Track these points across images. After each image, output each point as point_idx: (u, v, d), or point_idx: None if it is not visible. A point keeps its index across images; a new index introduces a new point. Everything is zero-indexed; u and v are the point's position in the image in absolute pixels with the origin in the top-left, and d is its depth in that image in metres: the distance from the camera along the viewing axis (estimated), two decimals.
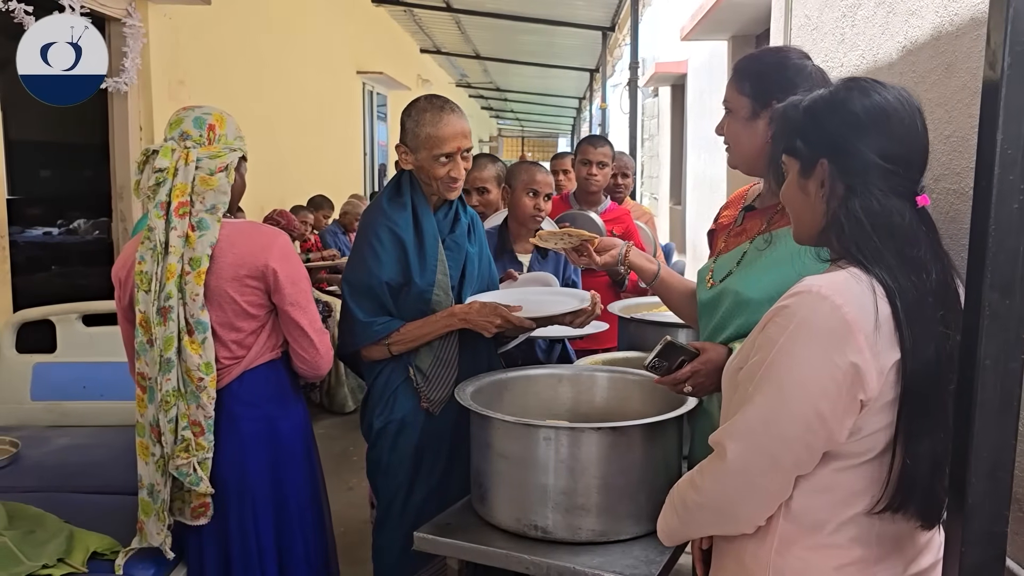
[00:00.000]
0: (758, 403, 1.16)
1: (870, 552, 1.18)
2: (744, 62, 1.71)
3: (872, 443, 1.15)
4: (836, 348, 1.10)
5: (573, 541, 1.63)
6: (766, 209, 1.71)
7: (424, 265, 2.08)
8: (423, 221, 2.11)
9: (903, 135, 1.17)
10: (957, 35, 2.04)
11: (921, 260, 1.14)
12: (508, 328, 2.03)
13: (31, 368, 2.82)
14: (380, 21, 9.19)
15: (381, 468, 2.12)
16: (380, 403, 2.11)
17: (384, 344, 2.06)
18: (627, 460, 1.63)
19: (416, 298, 2.07)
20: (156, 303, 1.83)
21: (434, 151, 2.04)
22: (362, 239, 2.11)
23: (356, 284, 2.08)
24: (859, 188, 1.16)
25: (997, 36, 0.96)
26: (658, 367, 1.60)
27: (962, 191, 1.99)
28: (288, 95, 5.94)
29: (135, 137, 3.75)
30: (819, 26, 3.15)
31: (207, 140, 1.94)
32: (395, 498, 2.10)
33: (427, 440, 2.09)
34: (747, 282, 1.62)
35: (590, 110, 13.97)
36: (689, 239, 9.86)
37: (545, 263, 2.75)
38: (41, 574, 1.75)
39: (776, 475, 1.16)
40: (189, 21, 4.13)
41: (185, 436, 1.84)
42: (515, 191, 2.72)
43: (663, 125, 12.65)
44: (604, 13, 8.10)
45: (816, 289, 1.13)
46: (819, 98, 1.22)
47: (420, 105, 2.10)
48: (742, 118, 1.66)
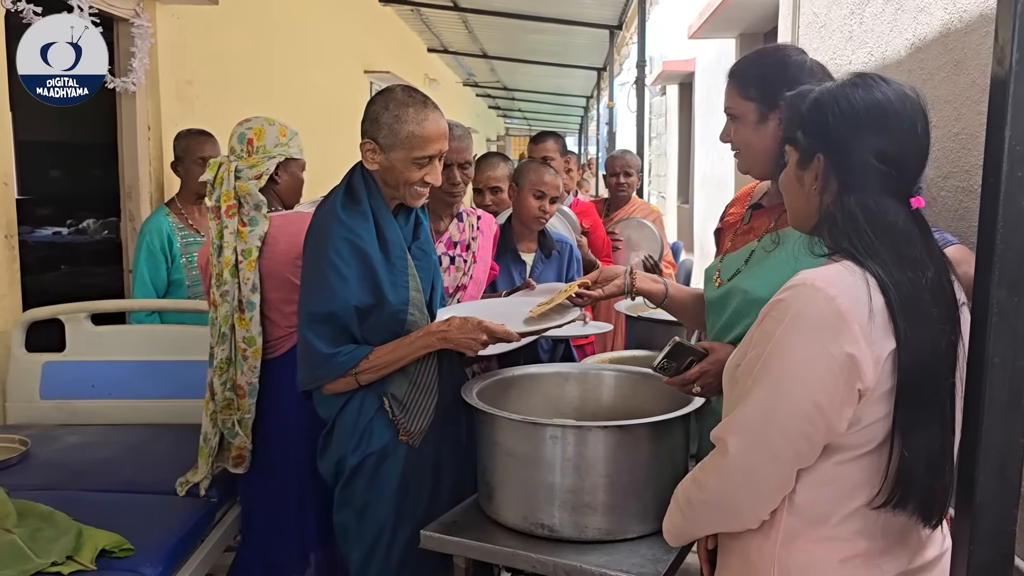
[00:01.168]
0: (757, 397, 1.16)
1: (875, 544, 1.18)
2: (743, 66, 1.68)
3: (871, 434, 1.15)
4: (831, 339, 1.10)
5: (580, 540, 1.62)
6: (774, 207, 1.70)
7: (395, 281, 1.84)
8: (386, 230, 1.85)
9: (900, 137, 1.17)
10: (966, 32, 2.02)
11: (916, 258, 1.14)
12: (495, 344, 1.83)
13: (40, 367, 2.83)
14: (387, 20, 9.19)
15: (356, 508, 1.88)
16: (353, 438, 1.86)
17: (351, 374, 1.81)
18: (634, 458, 1.63)
19: (388, 319, 1.83)
20: (217, 288, 2.17)
21: (414, 152, 1.81)
22: (317, 257, 1.82)
23: (316, 312, 1.80)
24: (854, 186, 1.17)
25: (1005, 32, 0.95)
26: (667, 368, 1.60)
27: (971, 188, 1.98)
28: (296, 94, 5.95)
29: (143, 137, 3.76)
30: (827, 23, 3.14)
31: (246, 152, 2.26)
32: (379, 539, 1.87)
33: (410, 470, 1.88)
34: (755, 281, 1.61)
35: (597, 109, 13.94)
36: (697, 238, 9.85)
37: (548, 263, 2.74)
38: (50, 571, 1.76)
39: (777, 468, 1.16)
40: (197, 21, 4.14)
41: (228, 396, 2.17)
42: (522, 190, 2.70)
43: (671, 123, 12.64)
44: (612, 11, 8.09)
45: (810, 282, 1.14)
46: (825, 90, 1.23)
47: (399, 98, 1.83)
48: (751, 123, 1.64)
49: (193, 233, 3.18)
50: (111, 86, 3.37)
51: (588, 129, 17.66)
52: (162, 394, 2.84)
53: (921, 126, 1.18)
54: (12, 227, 2.91)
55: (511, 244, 2.73)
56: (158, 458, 2.47)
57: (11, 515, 1.85)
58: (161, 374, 2.84)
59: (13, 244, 2.91)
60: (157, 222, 3.11)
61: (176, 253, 3.10)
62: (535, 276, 2.67)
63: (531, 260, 2.74)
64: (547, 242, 2.77)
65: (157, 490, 2.24)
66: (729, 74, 1.69)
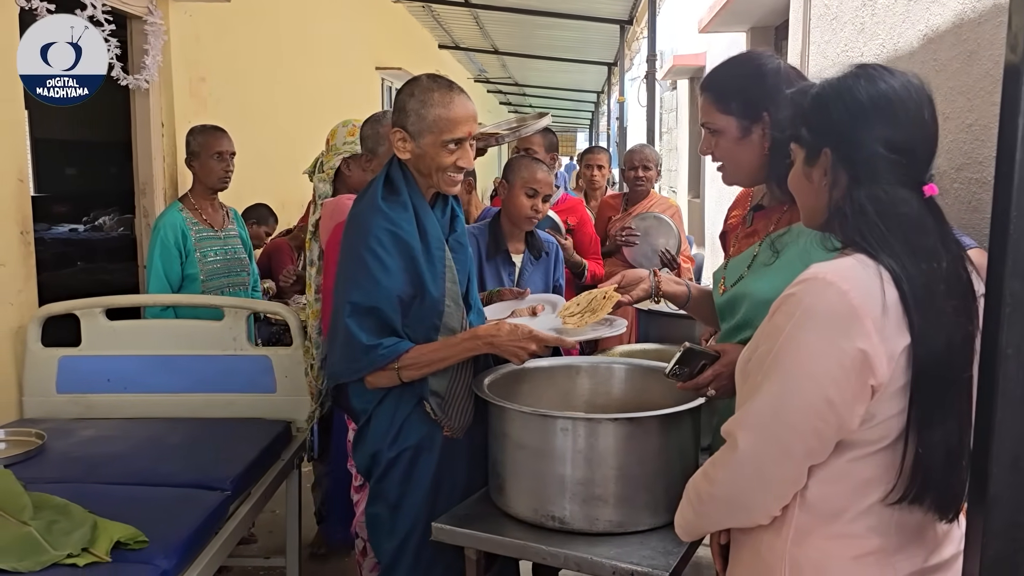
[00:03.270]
0: (767, 392, 1.15)
1: (889, 541, 1.16)
2: (718, 80, 1.64)
3: (885, 430, 1.13)
4: (843, 333, 1.09)
5: (590, 532, 1.63)
6: (773, 209, 1.69)
7: (434, 273, 1.84)
8: (425, 222, 1.85)
9: (908, 125, 1.16)
10: (979, 22, 2.01)
11: (930, 249, 1.12)
12: (543, 354, 1.80)
13: (56, 361, 2.86)
14: (398, 17, 9.20)
15: (391, 502, 1.88)
16: (390, 432, 1.87)
17: (394, 369, 1.80)
18: (644, 451, 1.63)
19: (428, 311, 1.83)
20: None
21: (443, 135, 1.79)
22: (359, 247, 1.80)
23: (360, 303, 1.78)
24: (864, 178, 1.16)
25: (1018, 19, 0.94)
26: (679, 375, 1.60)
27: (984, 180, 1.96)
28: (307, 91, 5.97)
29: (157, 134, 3.78)
30: (838, 15, 3.11)
31: (327, 151, 2.72)
32: (412, 533, 1.86)
33: (446, 463, 1.88)
34: (762, 283, 1.60)
35: (608, 104, 13.91)
36: (708, 232, 9.80)
37: (537, 264, 2.63)
38: (66, 563, 1.78)
39: (788, 464, 1.15)
40: (209, 18, 4.16)
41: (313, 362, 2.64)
42: (513, 187, 2.54)
43: (681, 118, 12.58)
44: (622, 6, 8.07)
45: (822, 275, 1.12)
46: (827, 85, 1.22)
47: (424, 84, 1.83)
48: (733, 137, 1.61)
49: (207, 228, 3.21)
50: (124, 83, 3.39)
51: (599, 124, 17.61)
52: (177, 388, 2.86)
53: (928, 113, 1.17)
54: (28, 223, 2.93)
55: (502, 245, 2.58)
56: (172, 451, 2.49)
57: (27, 507, 1.87)
58: (176, 368, 2.87)
59: (29, 240, 2.93)
60: (171, 217, 3.14)
61: (191, 248, 3.12)
62: (524, 278, 2.58)
63: (520, 262, 2.62)
64: (536, 243, 2.64)
65: (172, 483, 2.26)
66: (704, 87, 1.64)
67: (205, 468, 2.35)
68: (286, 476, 2.74)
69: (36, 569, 1.74)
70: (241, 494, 2.40)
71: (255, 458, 2.49)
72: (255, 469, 2.49)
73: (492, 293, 2.44)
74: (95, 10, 3.00)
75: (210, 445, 2.54)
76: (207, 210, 3.24)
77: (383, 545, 1.90)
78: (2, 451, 2.43)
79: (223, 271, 3.22)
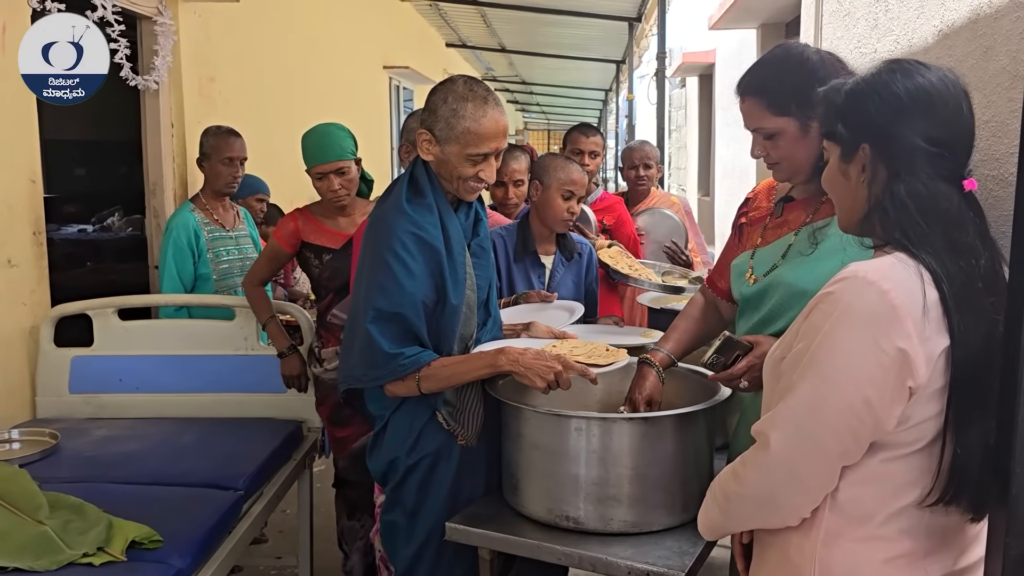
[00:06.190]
0: (802, 391, 1.13)
1: (919, 545, 1.15)
2: (766, 82, 1.59)
3: (921, 432, 1.12)
4: (883, 333, 1.07)
5: (605, 532, 1.62)
6: (808, 200, 1.67)
7: (456, 279, 1.78)
8: (448, 225, 1.79)
9: (948, 118, 1.15)
10: (996, 17, 1.99)
11: (969, 245, 1.11)
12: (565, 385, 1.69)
13: (69, 361, 2.88)
14: (406, 15, 9.21)
15: (408, 509, 1.84)
16: (408, 440, 1.82)
17: (414, 379, 1.75)
18: (659, 451, 1.62)
19: (447, 317, 1.78)
20: None
21: (468, 149, 1.74)
22: (383, 251, 1.74)
23: (384, 309, 1.72)
24: (904, 172, 1.14)
25: None
26: (715, 364, 1.59)
27: (1002, 177, 1.94)
28: (316, 90, 5.98)
29: (167, 134, 3.79)
30: (851, 11, 3.09)
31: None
32: (429, 540, 1.81)
33: (463, 472, 1.84)
34: (798, 273, 1.59)
35: (616, 102, 13.88)
36: (718, 230, 9.77)
37: (569, 267, 2.55)
38: (82, 562, 1.79)
39: (821, 465, 1.14)
40: (219, 19, 4.17)
41: None
42: (548, 189, 2.45)
43: (691, 116, 12.54)
44: (630, 4, 8.04)
45: (862, 274, 1.11)
46: (861, 81, 1.20)
47: (459, 91, 1.76)
48: (793, 137, 1.58)
49: (219, 228, 3.21)
50: (134, 84, 3.40)
51: (607, 122, 17.57)
52: (189, 388, 2.87)
53: (966, 106, 1.17)
54: (40, 224, 2.95)
55: (531, 246, 2.49)
56: (185, 451, 2.50)
57: (43, 507, 1.88)
58: (188, 368, 2.88)
59: (41, 241, 2.95)
60: (184, 217, 3.14)
61: (203, 248, 3.13)
62: (555, 281, 2.51)
63: (551, 263, 2.54)
64: (569, 244, 2.54)
65: (185, 482, 2.27)
66: (749, 91, 1.59)
67: (218, 468, 2.36)
68: (298, 476, 2.75)
69: (52, 568, 1.75)
70: (254, 494, 2.41)
71: (267, 458, 2.50)
72: (267, 469, 2.50)
73: (519, 296, 2.39)
74: (105, 11, 3.00)
75: (222, 445, 2.55)
76: (218, 210, 3.25)
77: (399, 552, 1.87)
78: (17, 451, 2.45)
79: (235, 271, 3.23)
